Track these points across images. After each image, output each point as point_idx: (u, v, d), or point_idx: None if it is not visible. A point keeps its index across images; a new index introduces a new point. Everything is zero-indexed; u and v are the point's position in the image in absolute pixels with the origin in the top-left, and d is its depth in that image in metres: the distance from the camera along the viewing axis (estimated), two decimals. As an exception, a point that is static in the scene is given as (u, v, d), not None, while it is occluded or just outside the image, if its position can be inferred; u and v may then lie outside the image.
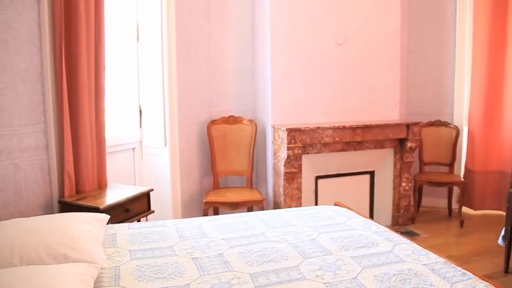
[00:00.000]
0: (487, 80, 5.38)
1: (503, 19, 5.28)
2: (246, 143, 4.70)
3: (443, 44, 5.70)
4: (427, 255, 2.35)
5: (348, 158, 4.80)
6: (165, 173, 4.32)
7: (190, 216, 4.40)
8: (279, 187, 4.52)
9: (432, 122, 5.63)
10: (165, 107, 4.23)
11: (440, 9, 5.67)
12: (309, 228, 2.78)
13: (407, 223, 5.12)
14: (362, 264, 2.22)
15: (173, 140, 4.31)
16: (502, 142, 5.43)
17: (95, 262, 2.08)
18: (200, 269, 2.15)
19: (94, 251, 2.16)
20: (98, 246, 2.26)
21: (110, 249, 2.38)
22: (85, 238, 2.22)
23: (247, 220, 2.96)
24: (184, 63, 4.41)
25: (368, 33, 4.89)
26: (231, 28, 4.88)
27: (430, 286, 1.97)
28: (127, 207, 3.28)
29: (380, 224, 2.92)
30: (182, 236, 2.64)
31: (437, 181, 5.26)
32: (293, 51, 4.60)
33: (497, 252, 4.15)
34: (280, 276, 2.07)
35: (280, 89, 4.57)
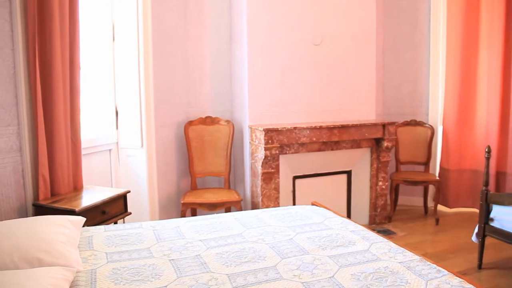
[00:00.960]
0: (460, 80, 5.48)
1: (475, 21, 5.39)
2: (224, 144, 4.69)
3: (417, 45, 5.78)
4: (403, 253, 2.38)
5: (325, 158, 4.83)
6: (142, 175, 4.29)
7: (167, 217, 4.38)
8: (256, 188, 4.52)
9: (408, 121, 5.70)
10: (142, 108, 4.20)
11: (414, 11, 5.75)
12: (287, 228, 2.79)
13: (384, 222, 5.18)
14: (339, 263, 2.24)
15: (150, 141, 4.28)
16: (475, 141, 5.54)
17: (70, 265, 2.05)
18: (177, 270, 2.14)
19: (69, 254, 2.13)
20: (74, 249, 2.23)
21: (86, 252, 2.35)
22: (60, 241, 2.19)
23: (224, 221, 2.96)
24: (160, 64, 4.38)
25: (344, 34, 4.94)
26: (208, 29, 4.86)
27: (406, 283, 2.00)
28: (103, 209, 3.25)
29: (357, 223, 2.95)
30: (159, 238, 2.63)
31: (413, 180, 5.33)
32: (270, 51, 4.61)
33: (471, 249, 4.23)
34: (257, 276, 2.07)
35: (257, 90, 4.58)
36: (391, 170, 5.42)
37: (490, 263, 4.04)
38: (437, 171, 5.79)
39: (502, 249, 4.32)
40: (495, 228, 3.78)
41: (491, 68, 5.35)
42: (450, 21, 5.49)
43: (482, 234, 3.88)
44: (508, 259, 4.18)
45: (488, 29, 5.33)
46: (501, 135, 5.40)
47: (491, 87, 5.37)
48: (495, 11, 5.24)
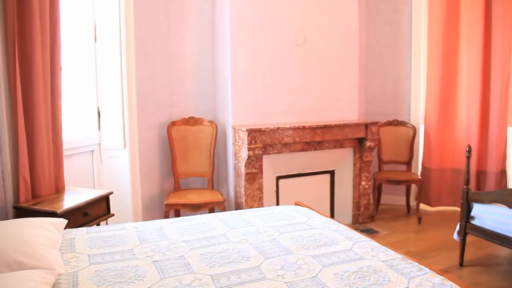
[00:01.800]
0: (441, 81, 5.55)
1: (455, 22, 5.47)
2: (207, 144, 4.69)
3: (399, 45, 5.84)
4: (386, 252, 2.40)
5: (308, 158, 4.85)
6: (125, 176, 4.26)
7: (151, 218, 4.36)
8: (240, 188, 4.52)
9: (390, 121, 5.75)
10: (124, 109, 4.17)
11: (396, 12, 5.80)
12: (270, 228, 2.80)
13: (367, 221, 5.22)
14: (322, 262, 2.25)
15: (133, 142, 4.26)
16: (456, 141, 5.62)
17: (51, 268, 2.03)
18: (160, 272, 2.13)
19: (50, 257, 2.11)
20: (55, 252, 2.21)
21: (68, 255, 2.33)
22: (41, 244, 2.16)
23: (208, 221, 2.96)
24: (143, 64, 4.36)
25: (327, 34, 4.96)
26: (191, 29, 4.85)
27: (388, 282, 2.02)
28: (85, 211, 3.22)
29: (340, 222, 2.97)
30: (143, 239, 2.61)
31: (395, 179, 5.38)
32: (253, 52, 4.61)
33: (452, 247, 4.29)
34: (241, 276, 2.08)
35: (240, 90, 4.58)
36: (373, 169, 5.46)
37: (471, 260, 4.10)
38: (419, 171, 5.85)
39: (482, 247, 4.38)
40: (475, 226, 3.84)
41: (471, 69, 5.43)
42: (431, 23, 5.56)
43: (463, 232, 3.94)
44: (488, 256, 4.25)
45: (468, 30, 5.41)
46: (481, 134, 5.49)
47: (471, 88, 5.45)
48: (475, 14, 5.33)
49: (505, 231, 3.57)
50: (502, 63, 5.32)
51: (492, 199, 3.69)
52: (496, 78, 5.36)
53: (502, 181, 5.49)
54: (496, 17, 5.29)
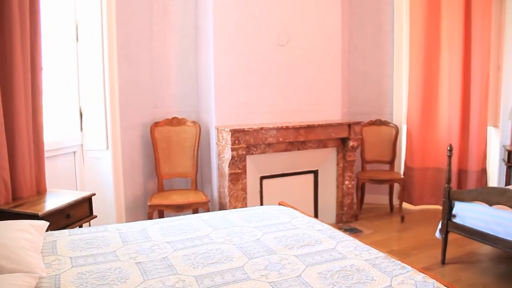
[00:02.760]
0: (423, 81, 5.61)
1: (436, 23, 5.54)
2: (190, 145, 4.67)
3: (382, 45, 5.88)
4: (369, 251, 2.42)
5: (292, 158, 4.87)
6: (108, 177, 4.23)
7: (134, 220, 4.33)
8: (224, 188, 4.52)
9: (373, 121, 5.79)
10: (107, 109, 4.15)
11: (379, 12, 5.84)
12: (254, 229, 2.80)
13: (350, 220, 5.25)
14: (306, 262, 2.26)
15: (116, 143, 4.23)
16: (438, 140, 5.69)
17: (32, 271, 2.00)
18: (144, 273, 2.12)
19: (31, 260, 2.08)
20: (36, 255, 2.18)
21: (49, 257, 2.30)
22: (22, 246, 2.13)
23: (191, 222, 2.95)
24: (125, 64, 4.33)
25: (310, 35, 4.98)
26: (173, 29, 4.83)
27: (371, 280, 2.04)
28: (68, 213, 3.19)
29: (323, 222, 2.99)
30: (126, 241, 2.60)
31: (378, 178, 5.42)
32: (236, 52, 4.61)
33: (435, 245, 4.34)
34: (225, 277, 2.08)
35: (223, 90, 4.57)
36: (357, 169, 5.49)
37: (453, 258, 4.15)
38: (402, 170, 5.90)
39: (464, 244, 4.44)
40: (457, 224, 3.89)
41: (452, 69, 5.51)
42: (413, 23, 5.62)
43: (445, 230, 3.99)
44: (470, 253, 4.31)
45: (449, 31, 5.49)
46: (462, 134, 5.57)
47: (452, 88, 5.53)
48: (455, 15, 5.41)
49: (486, 228, 3.63)
50: (481, 64, 5.41)
51: (473, 198, 3.74)
52: (476, 79, 5.45)
53: (483, 180, 5.57)
54: (475, 19, 5.39)
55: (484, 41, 5.39)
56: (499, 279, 3.75)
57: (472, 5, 5.38)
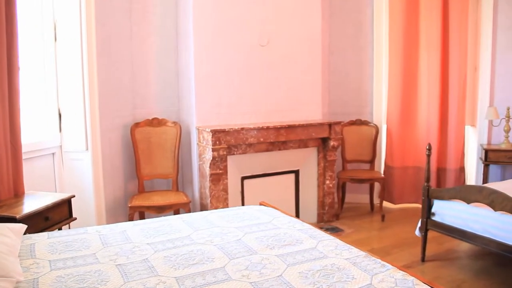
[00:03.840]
0: (402, 81, 5.68)
1: (415, 24, 5.61)
2: (171, 146, 4.65)
3: (362, 46, 5.93)
4: (349, 249, 2.44)
5: (273, 158, 4.88)
6: (88, 178, 4.19)
7: (115, 221, 4.29)
8: (205, 189, 4.50)
9: (353, 121, 5.84)
10: (86, 110, 4.11)
11: (358, 13, 5.89)
12: (235, 229, 2.80)
13: (332, 220, 5.28)
14: (287, 262, 2.26)
15: (95, 144, 4.19)
16: (417, 139, 5.76)
17: (9, 276, 1.97)
18: (124, 275, 2.10)
19: (8, 264, 2.04)
20: (14, 259, 2.14)
21: (27, 261, 2.27)
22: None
23: (172, 223, 2.94)
24: (105, 64, 4.29)
25: (291, 35, 5.00)
26: (154, 29, 4.80)
27: (352, 279, 2.05)
28: (46, 215, 3.14)
29: (304, 221, 3.00)
30: (106, 243, 2.57)
31: (359, 178, 5.46)
32: (216, 52, 4.60)
33: (415, 243, 4.40)
34: (206, 278, 2.07)
35: (204, 91, 4.56)
36: (337, 168, 5.53)
37: (433, 255, 4.21)
38: (382, 169, 5.96)
39: (443, 242, 4.50)
40: (436, 222, 3.95)
41: (430, 70, 5.59)
42: (392, 24, 5.68)
43: (424, 228, 4.04)
44: (449, 251, 4.37)
45: (427, 32, 5.57)
46: (440, 133, 5.65)
47: (431, 88, 5.60)
48: (433, 16, 5.49)
49: (464, 226, 3.68)
50: (459, 65, 5.51)
51: (452, 196, 3.79)
52: (454, 79, 5.54)
53: (461, 178, 5.66)
54: (453, 21, 5.48)
55: (461, 43, 5.48)
56: (477, 275, 3.82)
57: (449, 8, 5.48)
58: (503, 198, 3.30)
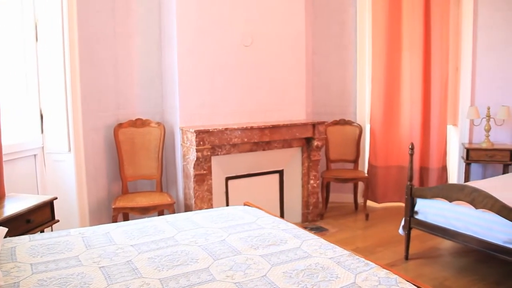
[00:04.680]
0: (385, 81, 5.73)
1: (398, 25, 5.66)
2: (155, 146, 4.63)
3: (345, 46, 5.96)
4: (333, 249, 2.45)
5: (257, 158, 4.88)
6: (71, 180, 4.15)
7: (98, 223, 4.26)
8: (189, 190, 4.49)
9: (337, 121, 5.86)
10: (68, 111, 4.07)
11: (342, 13, 5.92)
12: (219, 229, 2.80)
13: (316, 219, 5.31)
14: (271, 262, 2.27)
15: (78, 145, 4.15)
16: (400, 139, 5.81)
17: (-11, 279, 1.95)
18: (107, 278, 2.09)
19: (-12, 267, 2.02)
20: (-6, 262, 2.12)
21: (8, 265, 2.24)
22: (-21, 254, 2.07)
23: (156, 224, 2.92)
24: (88, 65, 4.26)
25: (274, 35, 5.01)
26: (137, 29, 4.77)
27: (336, 278, 2.06)
28: (28, 218, 3.11)
29: (288, 221, 3.00)
30: (89, 245, 2.55)
31: (343, 177, 5.49)
32: (200, 53, 4.59)
33: (398, 241, 4.44)
34: (190, 279, 2.06)
35: (188, 91, 4.55)
36: (321, 168, 5.56)
37: (416, 253, 4.25)
38: (365, 168, 6.00)
39: (426, 240, 4.55)
40: (419, 220, 3.99)
41: (413, 70, 5.64)
42: (375, 25, 5.73)
43: (408, 227, 4.08)
44: (432, 248, 4.42)
45: (409, 33, 5.63)
46: (423, 132, 5.72)
47: (413, 88, 5.66)
48: (415, 17, 5.55)
49: (446, 224, 3.73)
50: (441, 65, 5.57)
51: (434, 194, 3.84)
52: (436, 79, 5.61)
53: (443, 177, 5.73)
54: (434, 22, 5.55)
55: (443, 43, 5.55)
56: (460, 272, 3.87)
57: (431, 9, 5.54)
58: (483, 196, 3.34)
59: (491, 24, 5.52)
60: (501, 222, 3.27)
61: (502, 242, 3.30)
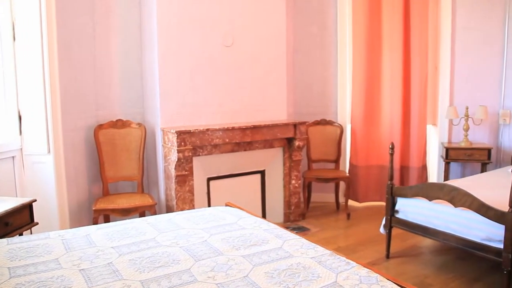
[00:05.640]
0: (366, 81, 5.77)
1: (378, 25, 5.71)
2: (136, 147, 4.60)
3: (326, 46, 5.99)
4: (315, 248, 2.46)
5: (238, 158, 4.88)
6: (50, 182, 4.09)
7: (79, 225, 4.20)
8: (171, 191, 4.47)
9: (318, 121, 5.89)
10: (48, 112, 4.00)
11: (322, 13, 5.95)
12: (201, 230, 2.79)
13: (298, 219, 5.32)
14: (253, 262, 2.27)
15: (58, 146, 4.09)
16: (381, 139, 5.87)
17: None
18: (88, 280, 2.07)
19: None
20: (-29, 266, 2.08)
21: (-15, 268, 2.20)
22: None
23: (137, 226, 2.90)
24: (67, 65, 4.20)
25: (255, 36, 5.01)
26: (117, 29, 4.73)
27: (317, 277, 2.07)
28: (6, 221, 3.06)
29: (270, 221, 3.01)
30: (69, 248, 2.52)
31: (324, 177, 5.52)
32: (181, 53, 4.57)
33: (379, 240, 4.48)
34: (171, 280, 2.05)
35: (168, 92, 4.52)
36: (303, 168, 5.57)
37: (397, 252, 4.30)
38: (347, 168, 6.04)
39: (406, 238, 4.60)
40: (400, 219, 4.03)
41: (393, 70, 5.70)
42: (355, 25, 5.77)
43: (388, 226, 4.12)
44: (412, 247, 4.47)
45: (389, 33, 5.69)
46: (403, 132, 5.78)
47: (393, 87, 5.72)
48: (395, 18, 5.61)
49: (426, 222, 3.78)
50: (420, 65, 5.64)
51: (414, 193, 3.88)
52: (416, 79, 5.68)
53: (423, 175, 5.80)
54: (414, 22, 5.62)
55: (422, 43, 5.62)
56: (439, 270, 3.92)
57: (410, 10, 5.60)
58: (462, 195, 3.39)
59: (469, 25, 5.61)
60: (479, 220, 3.33)
61: (480, 239, 3.35)
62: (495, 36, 5.55)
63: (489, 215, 3.20)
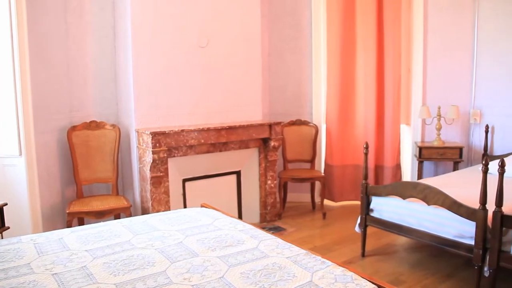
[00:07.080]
0: (340, 81, 5.83)
1: (352, 27, 5.78)
2: (110, 149, 4.55)
3: (301, 47, 6.02)
4: (290, 248, 2.48)
5: (214, 159, 4.87)
6: (22, 185, 4.02)
7: (52, 229, 4.12)
8: (146, 192, 4.43)
9: (293, 121, 5.92)
10: (19, 113, 3.94)
11: (297, 15, 5.97)
12: (176, 232, 2.78)
13: (274, 219, 5.34)
14: (228, 263, 2.27)
15: (30, 148, 4.02)
16: (355, 138, 5.93)
17: None
18: (61, 285, 2.03)
19: None
20: None
21: (-46, 274, 2.15)
22: None
23: (112, 228, 2.87)
24: (39, 65, 4.13)
25: (230, 37, 5.01)
26: (90, 29, 4.67)
27: (293, 277, 2.09)
28: (-24, 225, 2.99)
29: (246, 222, 3.01)
30: (41, 252, 2.48)
31: (300, 177, 5.55)
32: (155, 54, 4.54)
33: (355, 239, 4.52)
34: (147, 283, 2.04)
35: (143, 93, 4.48)
36: (279, 168, 5.59)
37: (372, 250, 4.35)
38: (322, 168, 6.08)
39: (381, 237, 4.66)
40: (374, 218, 4.08)
41: (367, 71, 5.77)
42: (330, 26, 5.82)
43: (364, 225, 4.16)
44: (387, 245, 4.53)
45: (363, 35, 5.76)
46: (378, 132, 5.85)
47: (367, 88, 5.78)
48: (369, 20, 5.69)
49: (400, 221, 3.83)
50: (393, 66, 5.72)
51: (388, 192, 3.93)
52: (389, 80, 5.75)
53: (397, 174, 5.87)
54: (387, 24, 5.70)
55: (395, 45, 5.70)
56: (414, 267, 3.97)
57: (384, 12, 5.68)
58: (435, 193, 3.45)
59: (440, 27, 5.71)
60: (451, 217, 3.39)
61: (452, 236, 3.42)
62: (465, 38, 5.66)
63: (461, 212, 3.26)
